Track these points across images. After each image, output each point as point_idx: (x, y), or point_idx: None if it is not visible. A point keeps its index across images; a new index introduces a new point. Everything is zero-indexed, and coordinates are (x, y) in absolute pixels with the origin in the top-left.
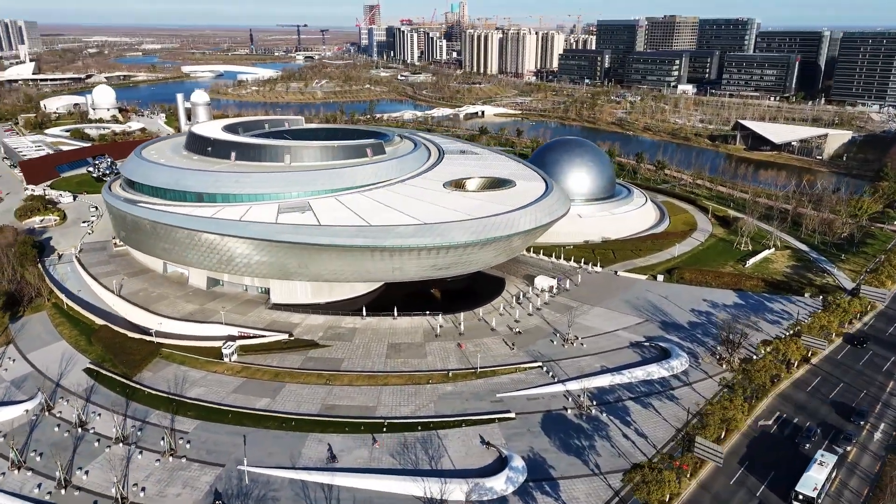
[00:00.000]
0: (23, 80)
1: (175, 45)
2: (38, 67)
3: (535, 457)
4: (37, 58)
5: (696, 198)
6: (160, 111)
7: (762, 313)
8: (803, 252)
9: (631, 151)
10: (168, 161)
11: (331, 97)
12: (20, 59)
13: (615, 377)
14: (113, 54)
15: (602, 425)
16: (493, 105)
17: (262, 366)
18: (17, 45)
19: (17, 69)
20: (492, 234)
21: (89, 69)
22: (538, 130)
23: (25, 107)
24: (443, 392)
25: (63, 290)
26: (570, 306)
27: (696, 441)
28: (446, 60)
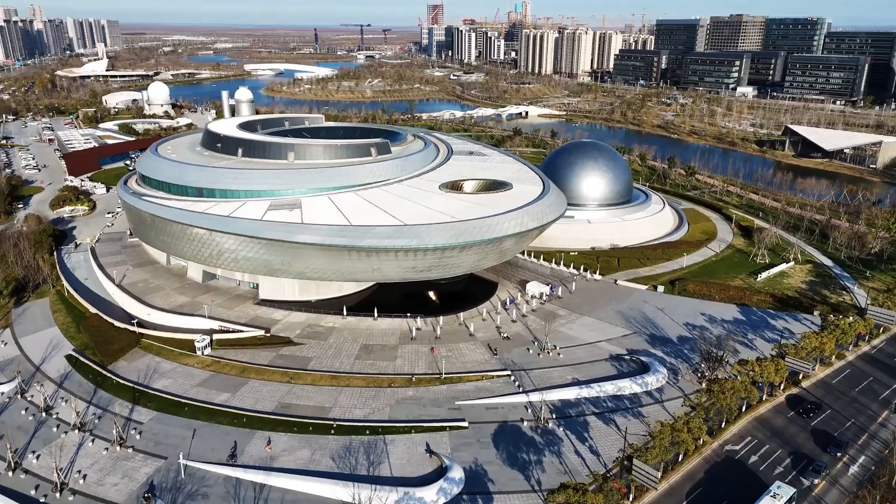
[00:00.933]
0: (94, 77)
1: (246, 44)
2: (111, 64)
3: (477, 468)
4: (114, 55)
5: (724, 206)
6: (212, 107)
7: (761, 330)
8: (826, 267)
9: (672, 155)
10: (179, 157)
11: (380, 96)
12: (98, 56)
13: (583, 390)
14: (186, 53)
15: (556, 440)
16: (537, 106)
17: (230, 360)
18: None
19: (91, 66)
20: (470, 238)
21: (159, 67)
22: (576, 132)
23: (88, 101)
24: (402, 396)
25: (69, 278)
26: (558, 314)
27: (634, 464)
28: (502, 60)
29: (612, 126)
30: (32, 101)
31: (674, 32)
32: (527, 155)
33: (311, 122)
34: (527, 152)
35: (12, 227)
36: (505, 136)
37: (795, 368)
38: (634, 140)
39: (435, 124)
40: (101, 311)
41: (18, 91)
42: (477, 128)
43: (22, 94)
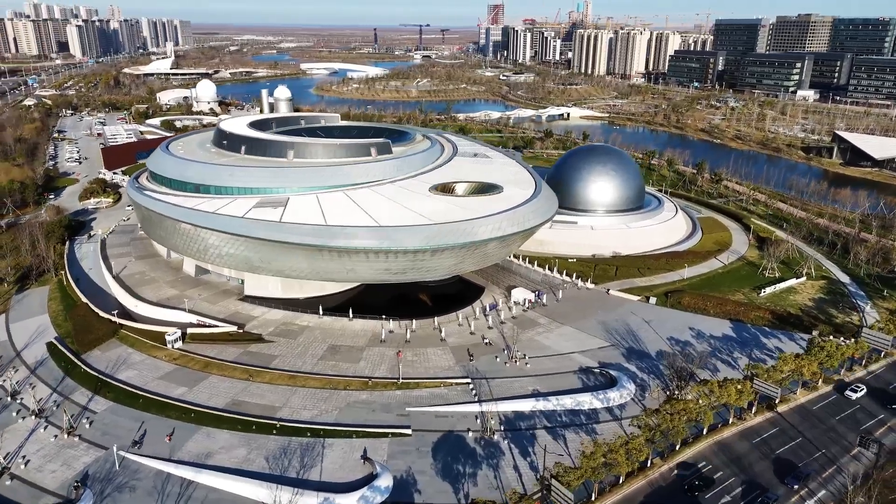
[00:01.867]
0: (157, 75)
1: (310, 43)
2: (175, 63)
3: (408, 478)
4: (183, 54)
5: (746, 215)
6: (258, 105)
7: (749, 349)
8: (841, 284)
9: (701, 161)
10: (186, 153)
11: (424, 96)
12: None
13: (539, 403)
14: (251, 52)
15: (497, 453)
16: (581, 107)
17: (197, 355)
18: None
19: (156, 64)
20: (443, 242)
21: (221, 65)
22: (611, 135)
23: (144, 98)
24: (355, 399)
25: (72, 267)
26: (538, 323)
27: (552, 485)
28: (556, 61)
29: (654, 129)
30: (94, 96)
31: (733, 33)
32: (554, 157)
33: (326, 121)
34: (554, 154)
35: (37, 217)
36: (535, 138)
37: (764, 392)
38: (677, 144)
39: (466, 125)
40: (91, 301)
41: (84, 87)
42: (510, 129)
43: (86, 90)
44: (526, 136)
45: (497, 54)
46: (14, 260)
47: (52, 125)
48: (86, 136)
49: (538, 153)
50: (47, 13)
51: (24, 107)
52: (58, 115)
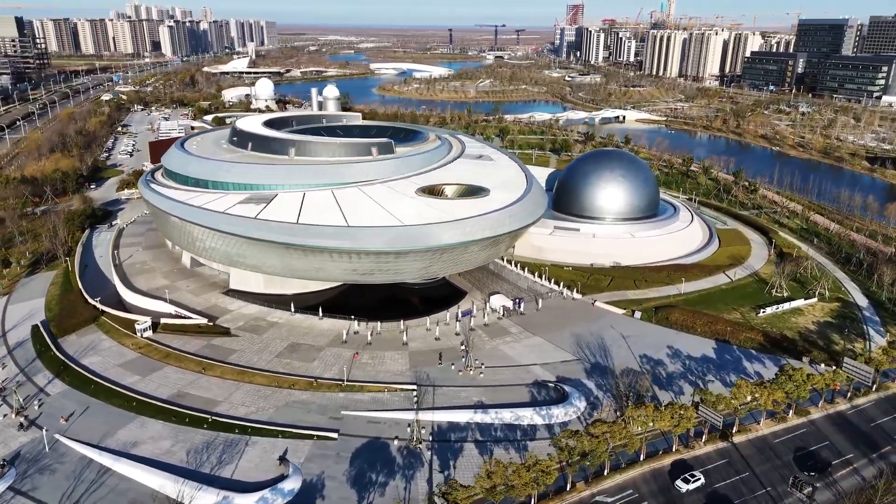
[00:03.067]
0: (233, 73)
1: (388, 44)
2: (252, 62)
3: (318, 482)
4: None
5: (777, 228)
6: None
7: (726, 372)
8: (857, 308)
9: (739, 169)
10: (197, 149)
11: (482, 96)
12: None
13: (476, 415)
14: (329, 52)
15: (416, 463)
16: (638, 110)
17: (161, 345)
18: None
19: (234, 63)
20: (406, 245)
21: (299, 64)
22: (655, 140)
23: (209, 95)
24: (295, 399)
25: (87, 255)
26: (509, 331)
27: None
28: (627, 62)
29: (711, 134)
30: (168, 93)
31: (817, 33)
32: None
33: (348, 120)
34: None
35: (69, 205)
36: (577, 141)
37: (709, 420)
38: (733, 151)
39: (507, 126)
40: (86, 288)
41: (162, 84)
42: (555, 131)
43: (163, 87)
44: (563, 139)
45: (570, 55)
46: (34, 245)
47: (120, 119)
48: (146, 130)
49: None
50: (146, 14)
51: (100, 101)
52: (128, 109)
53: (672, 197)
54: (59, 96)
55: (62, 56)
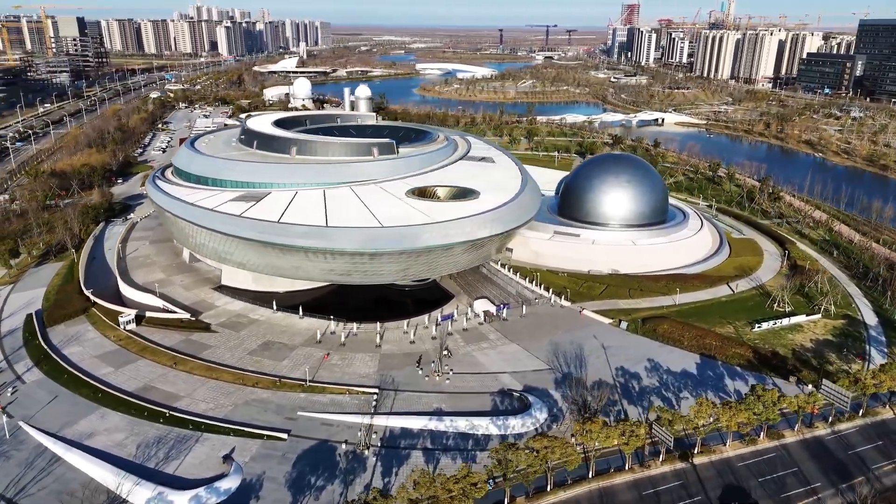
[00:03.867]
0: (281, 73)
1: (439, 44)
2: (301, 62)
3: (256, 483)
4: (316, 53)
5: (796, 238)
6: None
7: (703, 389)
8: (864, 326)
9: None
10: (205, 147)
11: (522, 97)
12: (299, 54)
13: (431, 422)
14: (380, 52)
15: (359, 469)
16: (678, 113)
17: (140, 338)
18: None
19: (283, 62)
20: (380, 246)
21: (346, 64)
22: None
23: (250, 94)
24: (255, 398)
25: (98, 247)
26: (487, 338)
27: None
28: (678, 63)
29: (752, 139)
30: (214, 92)
31: (879, 34)
32: None
33: (362, 120)
34: None
35: (90, 199)
36: (605, 143)
37: (661, 440)
38: (774, 157)
39: (535, 128)
40: (85, 279)
41: (212, 83)
42: (584, 133)
43: (212, 85)
44: (595, 142)
45: (621, 56)
46: (49, 237)
47: (162, 117)
48: (185, 127)
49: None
50: (206, 15)
51: (147, 99)
52: (173, 107)
53: (691, 204)
54: (111, 94)
55: (125, 55)
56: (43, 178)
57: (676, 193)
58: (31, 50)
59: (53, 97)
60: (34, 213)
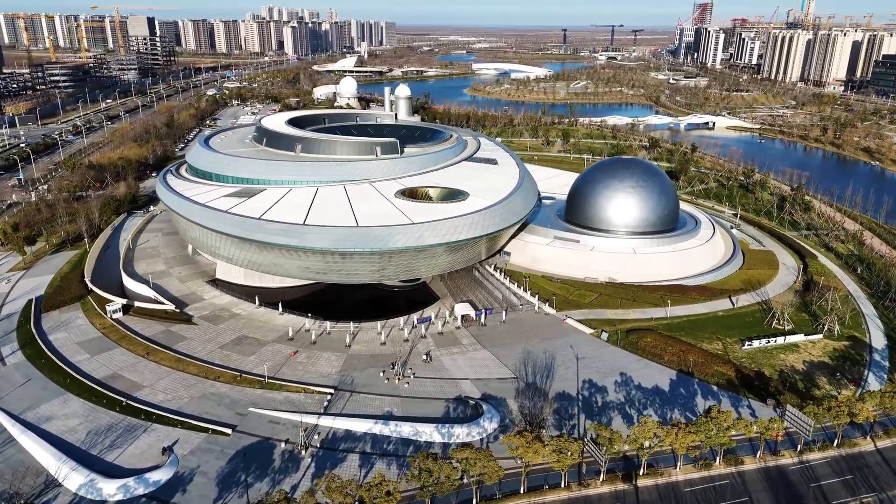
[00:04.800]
0: (338, 72)
1: (503, 44)
2: (360, 61)
3: (188, 476)
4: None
5: (824, 252)
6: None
7: (670, 407)
8: (868, 349)
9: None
10: (220, 144)
11: (571, 98)
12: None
13: (376, 426)
14: (441, 52)
15: (291, 469)
16: (731, 117)
17: (123, 327)
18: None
19: (342, 62)
20: (351, 246)
21: (405, 64)
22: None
23: (301, 92)
24: (213, 391)
25: (115, 237)
26: (460, 342)
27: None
28: (745, 65)
29: (807, 145)
30: (269, 90)
31: None
32: None
33: (380, 119)
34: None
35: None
36: (643, 146)
37: (595, 458)
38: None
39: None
40: (90, 268)
41: (269, 81)
42: (622, 135)
43: (269, 83)
44: (630, 145)
45: (687, 57)
46: (72, 227)
47: (213, 113)
48: (231, 123)
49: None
50: (277, 16)
51: (202, 96)
52: (226, 104)
53: (716, 213)
54: (172, 91)
55: (197, 54)
56: (81, 170)
57: (704, 201)
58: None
59: (116, 94)
60: (60, 204)
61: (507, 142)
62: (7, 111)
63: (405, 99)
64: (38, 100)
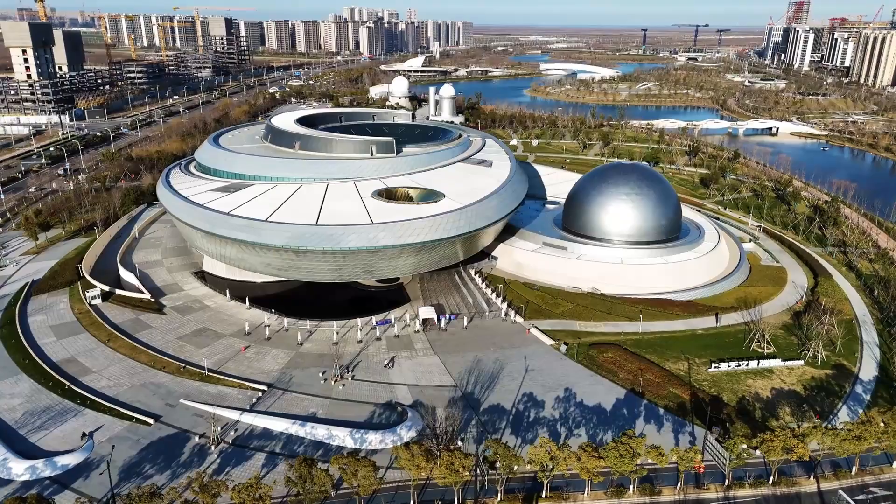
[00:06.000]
0: (404, 71)
1: (582, 44)
2: (428, 61)
3: (94, 462)
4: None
5: (846, 272)
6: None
7: (605, 428)
8: (851, 380)
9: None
10: (229, 140)
11: (632, 100)
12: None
13: (293, 426)
14: (515, 52)
15: (194, 463)
16: (802, 122)
17: (96, 314)
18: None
19: (411, 61)
20: (304, 244)
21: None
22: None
23: (358, 91)
24: (153, 381)
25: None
26: (413, 346)
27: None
28: (833, 67)
29: (877, 155)
30: (328, 87)
31: None
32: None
33: (396, 118)
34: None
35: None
36: (686, 152)
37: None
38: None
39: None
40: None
41: (334, 80)
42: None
43: (330, 82)
44: (670, 150)
45: (774, 58)
46: (92, 215)
47: (268, 110)
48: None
49: (662, 172)
50: (358, 16)
51: (262, 94)
52: (284, 101)
53: (739, 224)
54: (239, 89)
55: (279, 53)
56: (119, 161)
57: (732, 211)
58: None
59: (185, 90)
60: (84, 193)
61: (546, 144)
62: (79, 105)
63: (449, 99)
64: (110, 95)
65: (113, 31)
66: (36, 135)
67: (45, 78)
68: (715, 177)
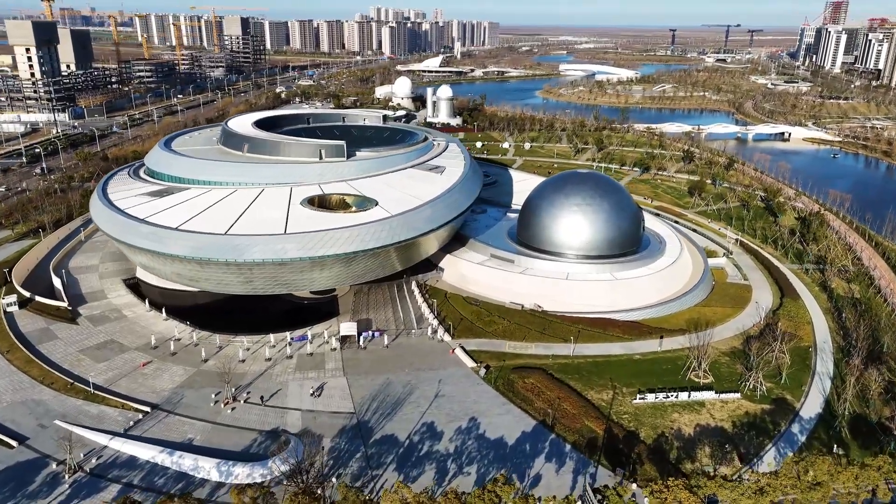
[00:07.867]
0: (420, 71)
1: (609, 45)
2: (446, 61)
3: None
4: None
5: (818, 292)
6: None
7: (498, 466)
8: (792, 417)
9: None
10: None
11: (645, 102)
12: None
13: (161, 455)
14: (540, 53)
15: (41, 493)
16: (818, 127)
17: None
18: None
19: (428, 61)
20: (205, 255)
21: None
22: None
23: (362, 91)
24: (36, 398)
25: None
26: (324, 367)
27: None
28: (865, 69)
29: (891, 161)
30: (337, 88)
31: None
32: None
33: (367, 120)
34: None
35: None
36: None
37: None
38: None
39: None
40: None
41: (346, 80)
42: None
43: (340, 82)
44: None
45: (805, 60)
46: (49, 216)
47: (269, 109)
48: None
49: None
50: (384, 16)
51: (265, 93)
52: (289, 101)
53: (718, 235)
54: (248, 88)
55: (302, 53)
56: (93, 160)
57: (712, 222)
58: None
59: (191, 89)
60: (51, 194)
61: (539, 147)
62: (80, 103)
63: (446, 100)
64: (115, 94)
65: (143, 30)
66: (31, 133)
67: (49, 76)
68: (702, 185)
